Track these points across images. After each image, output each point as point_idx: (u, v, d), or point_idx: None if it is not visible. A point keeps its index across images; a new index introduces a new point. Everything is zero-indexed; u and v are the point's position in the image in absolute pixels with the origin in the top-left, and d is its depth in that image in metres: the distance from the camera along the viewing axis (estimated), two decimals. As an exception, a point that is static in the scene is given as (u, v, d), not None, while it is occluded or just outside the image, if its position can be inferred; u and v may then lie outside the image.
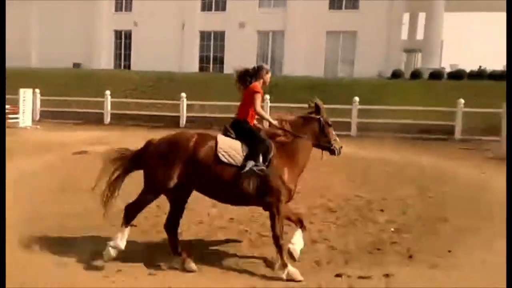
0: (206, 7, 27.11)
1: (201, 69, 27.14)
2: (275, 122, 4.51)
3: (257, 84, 4.62)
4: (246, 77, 4.72)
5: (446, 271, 4.10)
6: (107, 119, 17.83)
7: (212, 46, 27.24)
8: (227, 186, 4.26)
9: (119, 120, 17.59)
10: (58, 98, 18.82)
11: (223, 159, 4.25)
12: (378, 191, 7.16)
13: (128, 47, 28.08)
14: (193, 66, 26.76)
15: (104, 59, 27.89)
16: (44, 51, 27.94)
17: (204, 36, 27.27)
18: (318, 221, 5.66)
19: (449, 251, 4.61)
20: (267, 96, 16.63)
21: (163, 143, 4.44)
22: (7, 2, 27.93)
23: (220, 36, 26.96)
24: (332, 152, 4.57)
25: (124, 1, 28.03)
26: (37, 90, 18.33)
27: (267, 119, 4.58)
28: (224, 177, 4.24)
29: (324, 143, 4.56)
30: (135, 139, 13.40)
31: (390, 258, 4.41)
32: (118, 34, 28.32)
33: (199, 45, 27.38)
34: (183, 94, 17.34)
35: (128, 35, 28.03)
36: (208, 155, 4.27)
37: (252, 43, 26.29)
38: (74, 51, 27.13)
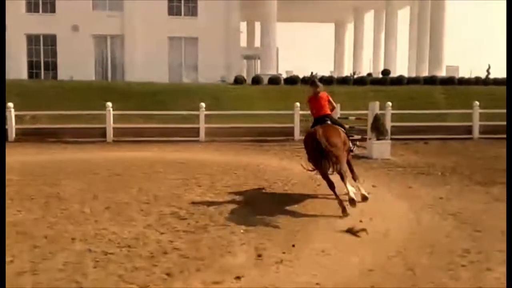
0: (32, 7, 24.65)
1: (31, 75, 24.60)
2: None
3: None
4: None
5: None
6: None
7: (42, 50, 24.87)
8: None
9: None
10: None
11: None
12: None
13: None
14: (21, 72, 24.09)
15: None
16: None
17: (32, 39, 24.78)
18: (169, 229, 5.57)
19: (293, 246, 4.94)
20: (109, 104, 15.84)
21: None
22: None
23: (51, 40, 24.78)
24: None
25: None
26: None
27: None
28: None
29: None
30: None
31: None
32: None
33: (27, 49, 24.78)
34: (10, 104, 15.48)
35: None
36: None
37: (88, 48, 24.79)
38: None
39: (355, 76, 25.55)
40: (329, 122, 6.84)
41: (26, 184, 8.18)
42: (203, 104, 16.27)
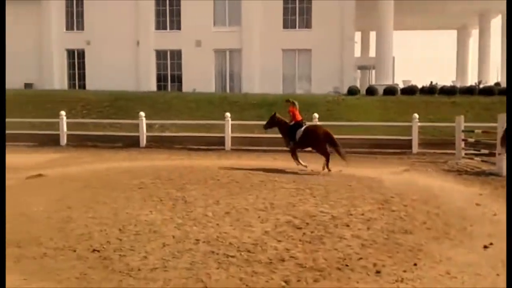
0: (161, 25, 27.02)
1: (159, 87, 26.91)
2: None
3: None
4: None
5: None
6: (64, 140, 17.27)
7: (169, 64, 27.10)
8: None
9: (77, 141, 17.08)
10: (10, 120, 18.04)
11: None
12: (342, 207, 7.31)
13: (82, 66, 27.46)
14: (150, 84, 26.50)
15: (57, 79, 27.12)
16: (-8, 71, 26.84)
17: (160, 54, 27.12)
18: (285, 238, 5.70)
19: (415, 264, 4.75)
20: (228, 114, 16.68)
21: None
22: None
23: (177, 55, 26.89)
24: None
25: (75, 20, 27.49)
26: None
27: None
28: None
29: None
30: (93, 159, 13.18)
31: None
32: (70, 53, 27.68)
33: (156, 63, 27.18)
34: (142, 113, 17.09)
35: (81, 54, 27.44)
36: None
37: (209, 62, 26.41)
38: (25, 71, 26.25)
39: (481, 86, 23.58)
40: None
41: (156, 188, 8.98)
42: (316, 115, 16.31)
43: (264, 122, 12.61)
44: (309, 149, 11.80)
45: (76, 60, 27.59)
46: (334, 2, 25.28)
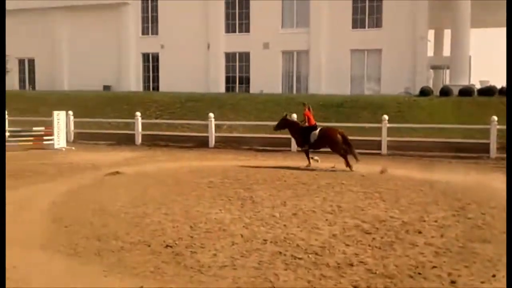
0: (230, 28, 27.56)
1: (227, 89, 27.47)
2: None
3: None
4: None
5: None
6: (138, 140, 18.16)
7: (237, 66, 27.59)
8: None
9: (150, 140, 17.90)
10: (91, 120, 19.36)
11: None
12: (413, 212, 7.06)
13: (156, 69, 28.70)
14: (219, 86, 27.12)
15: (133, 81, 28.57)
16: (75, 75, 28.86)
17: (229, 57, 27.67)
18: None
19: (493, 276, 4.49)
20: (294, 115, 16.68)
21: None
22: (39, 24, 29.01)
23: (245, 57, 27.30)
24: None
25: (150, 25, 28.77)
26: (70, 112, 18.87)
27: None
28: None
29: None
30: (165, 158, 13.74)
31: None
32: (145, 57, 29.01)
33: (225, 66, 27.78)
34: (211, 115, 17.55)
35: (156, 58, 28.67)
36: None
37: (277, 63, 26.53)
38: (104, 74, 27.91)
39: None
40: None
41: (225, 187, 9.20)
42: (386, 117, 15.84)
43: (306, 124, 12.69)
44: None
45: (151, 64, 28.89)
46: (406, 1, 24.41)
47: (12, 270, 4.64)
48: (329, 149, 12.25)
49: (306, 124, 12.41)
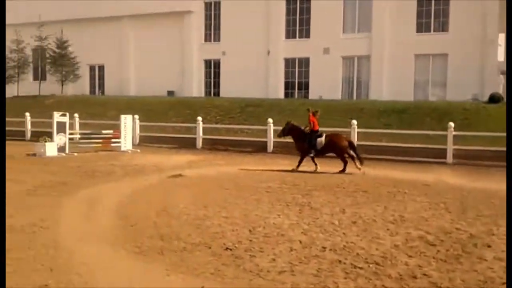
0: (290, 34, 27.62)
1: (286, 95, 27.53)
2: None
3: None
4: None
5: None
6: (199, 144, 18.65)
7: (297, 72, 27.58)
8: None
9: (210, 145, 18.32)
10: (155, 124, 20.13)
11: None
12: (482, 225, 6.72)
13: (217, 75, 29.35)
14: (278, 92, 27.24)
15: (195, 87, 29.39)
16: (141, 80, 30.15)
17: (289, 62, 27.72)
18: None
19: None
20: (354, 121, 16.41)
21: None
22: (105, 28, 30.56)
23: (305, 63, 27.24)
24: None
25: (212, 32, 29.48)
26: (136, 116, 19.73)
27: None
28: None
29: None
30: (225, 162, 14.00)
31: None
32: (207, 63, 29.74)
33: (284, 71, 27.86)
34: (270, 120, 17.66)
35: (217, 64, 29.32)
36: None
37: (337, 69, 26.23)
38: (168, 80, 28.94)
39: None
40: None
41: (283, 192, 9.23)
42: (451, 124, 15.18)
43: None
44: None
45: (212, 70, 29.60)
46: (476, 2, 23.27)
47: (80, 266, 4.93)
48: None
49: (309, 130, 12.71)
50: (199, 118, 18.95)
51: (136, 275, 4.80)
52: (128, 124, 17.91)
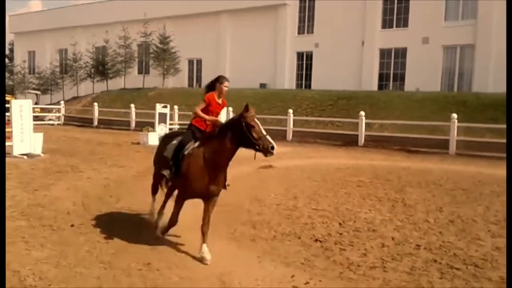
0: (387, 24, 26.60)
1: (380, 87, 26.63)
2: (208, 118, 5.27)
3: (210, 94, 5.46)
4: (206, 88, 5.63)
5: None
6: (289, 136, 18.83)
7: (392, 63, 26.53)
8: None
9: (300, 137, 18.41)
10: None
11: (165, 153, 5.52)
12: None
13: (309, 67, 29.25)
14: (372, 84, 26.43)
15: (287, 79, 29.60)
16: (235, 73, 31.04)
17: (384, 53, 26.75)
18: None
19: None
20: (454, 115, 15.45)
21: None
22: (206, 26, 31.80)
23: (401, 53, 26.10)
24: (261, 152, 4.85)
25: (306, 24, 29.37)
26: (230, 108, 20.39)
27: (202, 116, 5.28)
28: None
29: (246, 144, 4.87)
30: (314, 155, 14.00)
31: None
32: (300, 55, 29.74)
33: (379, 63, 26.95)
34: (362, 113, 17.27)
35: (309, 56, 29.19)
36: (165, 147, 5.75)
37: (437, 59, 24.76)
38: (261, 72, 29.47)
39: None
40: None
41: (374, 187, 9.03)
42: None
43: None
44: None
45: (305, 62, 29.57)
46: None
47: (178, 246, 5.29)
48: None
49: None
50: (290, 111, 19.10)
51: (229, 261, 5.00)
52: (223, 115, 18.58)
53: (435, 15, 24.61)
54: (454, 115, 15.50)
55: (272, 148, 4.81)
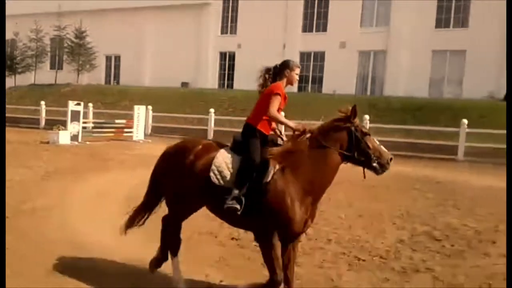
0: (307, 28, 27.51)
1: (299, 89, 27.44)
2: (292, 125, 3.67)
3: (280, 83, 3.86)
4: (266, 76, 3.95)
5: None
6: (210, 135, 18.77)
7: (311, 66, 27.47)
8: (220, 207, 3.62)
9: (221, 137, 18.36)
10: (168, 115, 20.28)
11: (213, 179, 3.66)
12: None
13: (232, 67, 29.40)
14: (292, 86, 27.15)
15: (209, 79, 29.50)
16: (155, 71, 30.35)
17: (304, 56, 27.62)
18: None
19: None
20: (366, 116, 16.32)
21: (169, 151, 4.23)
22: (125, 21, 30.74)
23: (320, 57, 27.12)
24: (373, 170, 3.57)
25: (229, 25, 29.50)
26: (150, 107, 19.91)
27: (284, 122, 3.70)
28: (215, 198, 3.68)
29: (360, 158, 3.57)
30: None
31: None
32: (222, 55, 29.79)
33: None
34: (282, 113, 17.62)
35: (232, 57, 29.34)
36: (203, 171, 3.74)
37: (352, 63, 26.05)
38: (183, 71, 29.08)
39: None
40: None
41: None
42: (465, 121, 15.06)
43: None
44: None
45: (227, 62, 29.67)
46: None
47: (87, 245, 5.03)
48: None
49: None
50: (212, 110, 19.04)
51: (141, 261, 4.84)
52: (141, 115, 18.10)
53: (352, 21, 25.88)
54: (366, 116, 16.37)
55: (391, 160, 3.60)
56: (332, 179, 3.61)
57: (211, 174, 3.68)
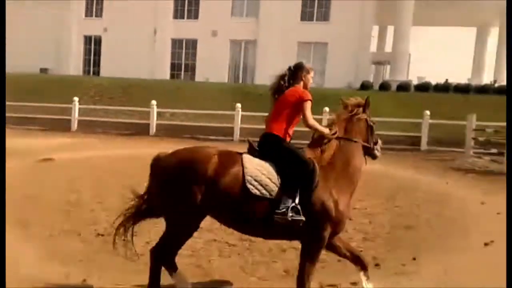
0: (178, 14, 27.09)
1: (172, 76, 27.04)
2: (327, 131, 3.71)
3: (302, 88, 3.88)
4: (280, 82, 3.96)
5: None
6: (74, 126, 17.50)
7: (184, 53, 27.20)
8: (257, 220, 3.41)
9: (87, 127, 17.25)
10: (24, 104, 18.31)
11: (254, 191, 3.35)
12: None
13: (97, 53, 27.70)
14: (164, 73, 26.64)
15: (72, 64, 27.43)
16: (10, 56, 27.16)
17: (176, 43, 27.21)
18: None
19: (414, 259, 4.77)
20: (238, 105, 16.71)
21: (174, 163, 3.58)
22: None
23: (192, 44, 26.96)
24: (373, 156, 3.91)
25: (94, 7, 27.68)
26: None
27: (321, 130, 3.74)
28: (255, 211, 3.39)
29: (372, 146, 3.87)
30: (102, 145, 13.32)
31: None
32: (87, 39, 27.91)
33: (171, 52, 27.30)
34: (153, 102, 17.19)
35: (98, 41, 27.66)
36: (234, 184, 3.38)
37: (224, 52, 26.42)
38: (43, 56, 26.55)
39: (496, 85, 23.21)
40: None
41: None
42: (326, 109, 16.28)
43: None
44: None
45: (93, 47, 27.85)
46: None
47: None
48: None
49: None
50: (75, 98, 17.72)
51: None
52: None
53: (223, 10, 26.22)
54: (238, 105, 16.74)
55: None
56: (361, 171, 3.71)
57: (249, 185, 3.36)
